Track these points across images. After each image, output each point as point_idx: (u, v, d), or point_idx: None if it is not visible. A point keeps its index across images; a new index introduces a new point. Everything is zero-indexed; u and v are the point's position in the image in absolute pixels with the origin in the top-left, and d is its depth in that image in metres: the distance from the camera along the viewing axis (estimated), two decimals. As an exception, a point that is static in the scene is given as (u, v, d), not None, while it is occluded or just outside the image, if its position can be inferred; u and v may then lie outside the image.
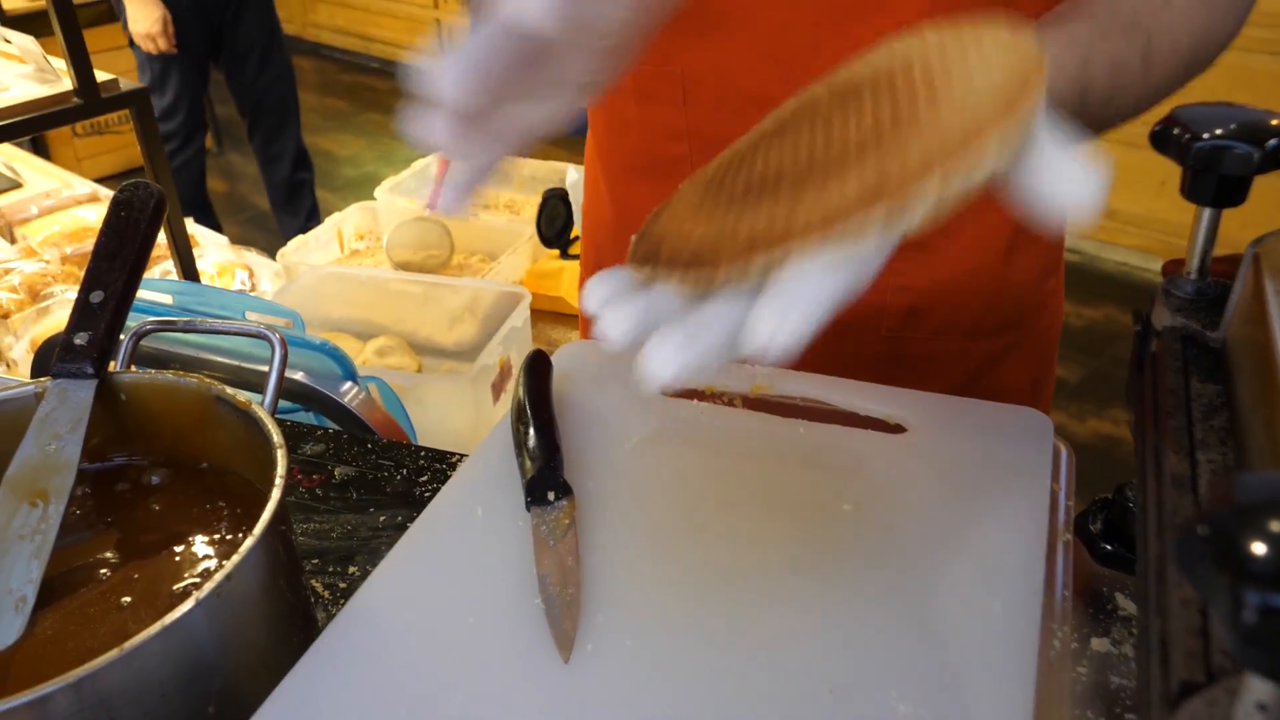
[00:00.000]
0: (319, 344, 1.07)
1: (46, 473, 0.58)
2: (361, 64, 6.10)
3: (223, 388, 0.65)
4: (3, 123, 1.57)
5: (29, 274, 1.93)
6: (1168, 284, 0.55)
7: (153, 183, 0.71)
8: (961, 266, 0.84)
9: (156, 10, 3.02)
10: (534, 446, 0.63)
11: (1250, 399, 0.45)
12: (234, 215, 4.28)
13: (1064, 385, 2.86)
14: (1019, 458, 0.63)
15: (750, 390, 0.72)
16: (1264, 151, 0.48)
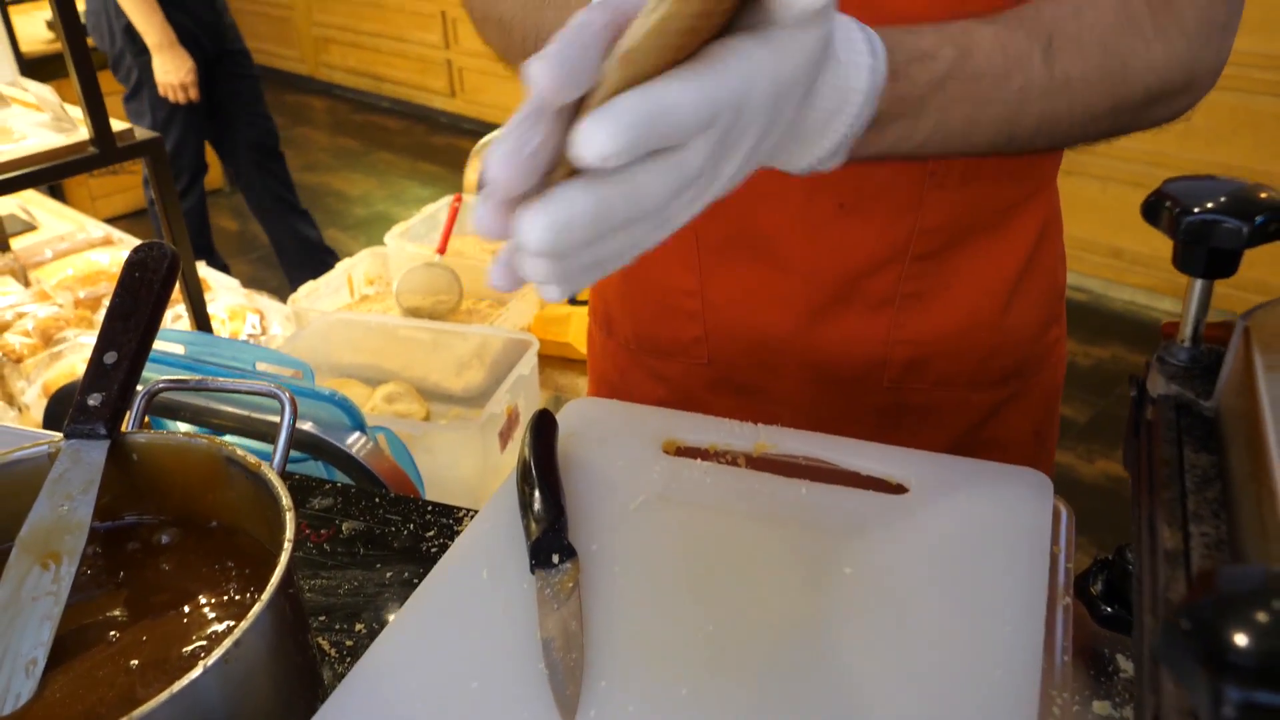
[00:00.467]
0: (328, 395, 1.08)
1: (59, 533, 0.59)
2: (373, 104, 6.16)
3: (233, 448, 0.66)
4: (21, 172, 1.59)
5: (42, 318, 1.95)
6: (1162, 351, 0.56)
7: (167, 242, 0.73)
8: (962, 318, 0.86)
9: (187, 61, 3.08)
10: (538, 509, 0.64)
11: (1242, 472, 0.45)
12: (245, 254, 4.31)
13: (1072, 426, 2.86)
14: (1019, 520, 0.64)
15: (753, 449, 0.73)
16: (1253, 226, 0.49)
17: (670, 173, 0.40)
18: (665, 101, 0.38)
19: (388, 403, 1.52)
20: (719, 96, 0.39)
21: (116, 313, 0.67)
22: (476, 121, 5.56)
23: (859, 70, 0.51)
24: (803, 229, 0.82)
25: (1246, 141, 3.04)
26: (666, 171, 0.40)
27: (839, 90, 0.51)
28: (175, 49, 3.08)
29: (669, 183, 0.40)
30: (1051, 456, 0.99)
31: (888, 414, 0.90)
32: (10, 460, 0.66)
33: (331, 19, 6.14)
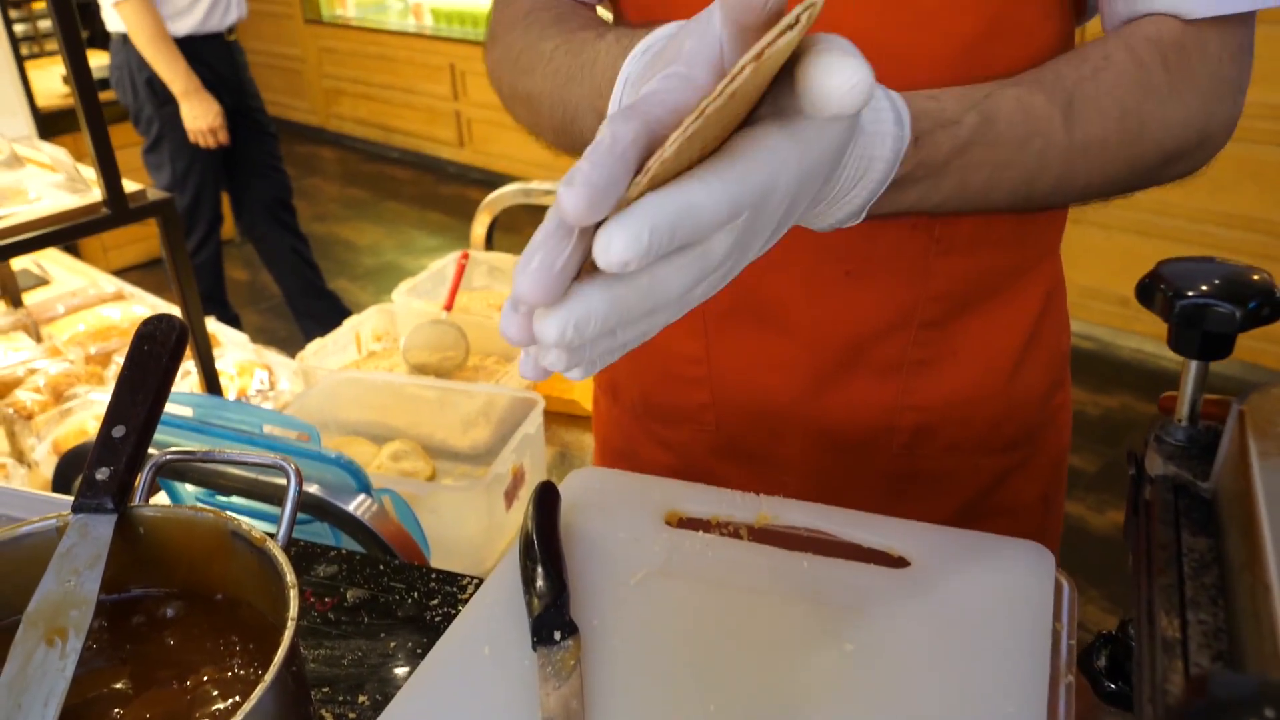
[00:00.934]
0: (333, 458, 1.09)
1: (65, 609, 0.60)
2: (382, 154, 6.23)
3: (238, 522, 0.66)
4: (36, 234, 1.62)
5: (53, 375, 1.97)
6: (1159, 430, 0.56)
7: (177, 301, 0.74)
8: (968, 385, 0.86)
9: (214, 105, 3.14)
10: (540, 585, 0.64)
11: (1238, 558, 0.45)
12: (255, 304, 4.34)
13: (1081, 476, 2.85)
14: (1021, 595, 0.64)
15: (755, 520, 0.73)
16: (1245, 310, 0.50)
17: (691, 267, 0.41)
18: (688, 204, 0.38)
19: (394, 461, 1.53)
20: (743, 194, 0.40)
21: (125, 385, 0.68)
22: (484, 171, 5.62)
23: (884, 139, 0.53)
24: (809, 295, 0.83)
25: (1251, 191, 3.06)
26: (687, 266, 0.41)
27: (863, 159, 0.52)
28: (201, 94, 3.13)
29: (690, 276, 0.41)
30: (1059, 522, 0.99)
31: (896, 480, 0.90)
32: (19, 534, 0.67)
33: (342, 71, 6.22)
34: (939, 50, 0.71)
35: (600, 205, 0.37)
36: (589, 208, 0.36)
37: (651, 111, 0.40)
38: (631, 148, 0.38)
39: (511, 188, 2.22)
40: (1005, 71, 0.73)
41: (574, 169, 0.37)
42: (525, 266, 0.38)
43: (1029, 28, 0.72)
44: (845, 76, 0.39)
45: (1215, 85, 0.67)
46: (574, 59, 0.69)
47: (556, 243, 0.38)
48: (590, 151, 0.38)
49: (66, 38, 1.56)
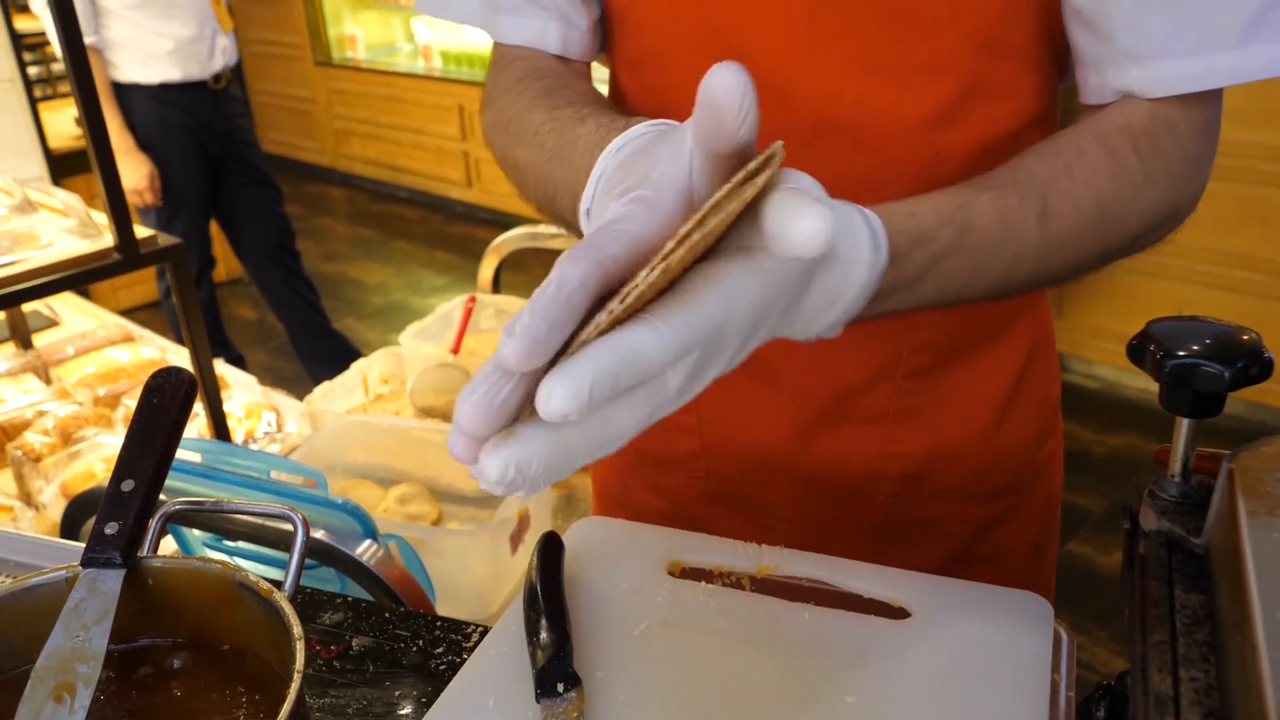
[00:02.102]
0: (340, 504, 1.09)
1: (74, 664, 0.60)
2: (391, 194, 6.27)
3: (245, 574, 0.67)
4: (46, 279, 1.64)
5: (62, 417, 1.98)
6: (1153, 485, 0.57)
7: (186, 369, 0.75)
8: (955, 434, 0.87)
9: (144, 166, 3.14)
10: (544, 637, 0.65)
11: (1229, 616, 0.46)
12: (262, 344, 4.36)
13: (1088, 516, 2.84)
14: (1020, 646, 0.64)
15: (757, 571, 0.74)
16: (1234, 370, 0.51)
17: (642, 404, 0.42)
18: (633, 351, 0.39)
19: (400, 504, 1.54)
20: (693, 336, 0.41)
21: (135, 439, 0.69)
22: (492, 211, 5.66)
23: (860, 265, 0.54)
24: (794, 347, 0.83)
25: (1253, 230, 3.07)
26: (637, 404, 0.42)
27: (838, 285, 0.53)
28: (132, 154, 3.12)
29: (640, 412, 0.42)
30: (1052, 569, 0.99)
31: (885, 528, 0.90)
32: (29, 585, 0.68)
33: (352, 112, 6.29)
34: (919, 109, 0.73)
35: (538, 355, 0.38)
36: (526, 357, 0.38)
37: (606, 248, 0.41)
38: (579, 291, 0.39)
39: (519, 231, 2.24)
40: (984, 131, 0.74)
41: (518, 315, 0.38)
42: (467, 397, 0.40)
43: (1008, 87, 0.74)
44: (808, 223, 0.40)
45: (1185, 165, 0.68)
46: (558, 138, 0.71)
47: (498, 379, 0.40)
48: (536, 297, 0.39)
49: (79, 84, 1.59)
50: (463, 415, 0.40)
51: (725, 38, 0.75)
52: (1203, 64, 0.64)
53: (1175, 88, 0.65)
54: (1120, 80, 0.68)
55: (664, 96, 0.80)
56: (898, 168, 0.75)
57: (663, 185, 0.44)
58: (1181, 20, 0.64)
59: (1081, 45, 0.70)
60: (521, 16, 0.82)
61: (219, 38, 3.24)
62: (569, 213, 0.71)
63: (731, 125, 0.41)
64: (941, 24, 0.71)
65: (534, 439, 0.40)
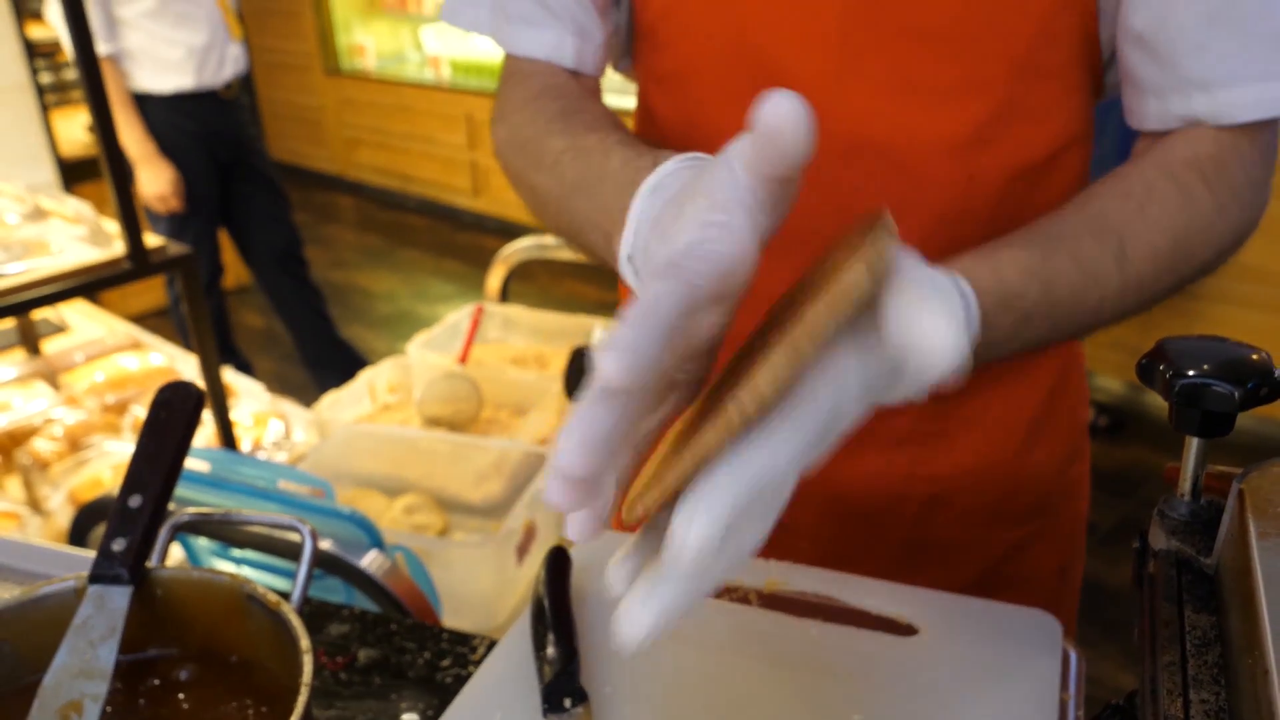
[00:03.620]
0: (347, 514, 1.10)
1: (81, 682, 0.60)
2: (399, 202, 6.29)
3: (254, 586, 0.67)
4: (57, 288, 1.64)
5: (70, 424, 1.99)
6: (1163, 505, 0.57)
7: (194, 383, 0.75)
8: (981, 455, 0.86)
9: (167, 173, 3.15)
10: (551, 651, 0.65)
11: (1239, 638, 0.46)
12: (270, 351, 4.37)
13: (1096, 529, 2.83)
14: (1028, 664, 0.64)
15: (764, 585, 0.74)
16: (1244, 390, 0.51)
17: (766, 516, 0.41)
18: (760, 476, 0.38)
19: (407, 514, 1.54)
20: (812, 439, 0.41)
21: (143, 454, 0.69)
22: (499, 220, 5.67)
23: None
24: None
25: (1263, 244, 3.06)
26: (762, 518, 0.41)
27: None
28: (155, 160, 3.14)
29: (765, 523, 0.42)
30: (1076, 592, 0.98)
31: (911, 550, 0.90)
32: (37, 596, 0.68)
33: (361, 120, 6.31)
34: (952, 130, 0.72)
35: (640, 370, 0.36)
36: (629, 374, 0.36)
37: (694, 267, 0.40)
38: (674, 310, 0.38)
39: (526, 242, 2.25)
40: (1019, 153, 0.73)
41: (613, 334, 0.37)
42: (568, 434, 0.38)
43: (1044, 109, 0.73)
44: (942, 342, 0.40)
45: (1252, 191, 0.68)
46: (581, 168, 0.69)
47: (600, 410, 0.38)
48: (628, 315, 0.37)
49: (92, 93, 1.59)
50: (563, 454, 0.37)
51: (756, 56, 0.75)
52: (1270, 91, 0.64)
53: (1243, 115, 0.65)
54: (1185, 108, 0.67)
55: (694, 113, 0.80)
56: (931, 189, 0.74)
57: (731, 207, 0.44)
58: (1249, 46, 0.63)
59: (1141, 71, 0.69)
60: (537, 28, 0.80)
61: (230, 46, 3.26)
62: (598, 247, 0.69)
63: (792, 151, 0.40)
64: (976, 45, 0.70)
65: (669, 588, 0.39)
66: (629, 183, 0.59)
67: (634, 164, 0.63)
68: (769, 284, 0.80)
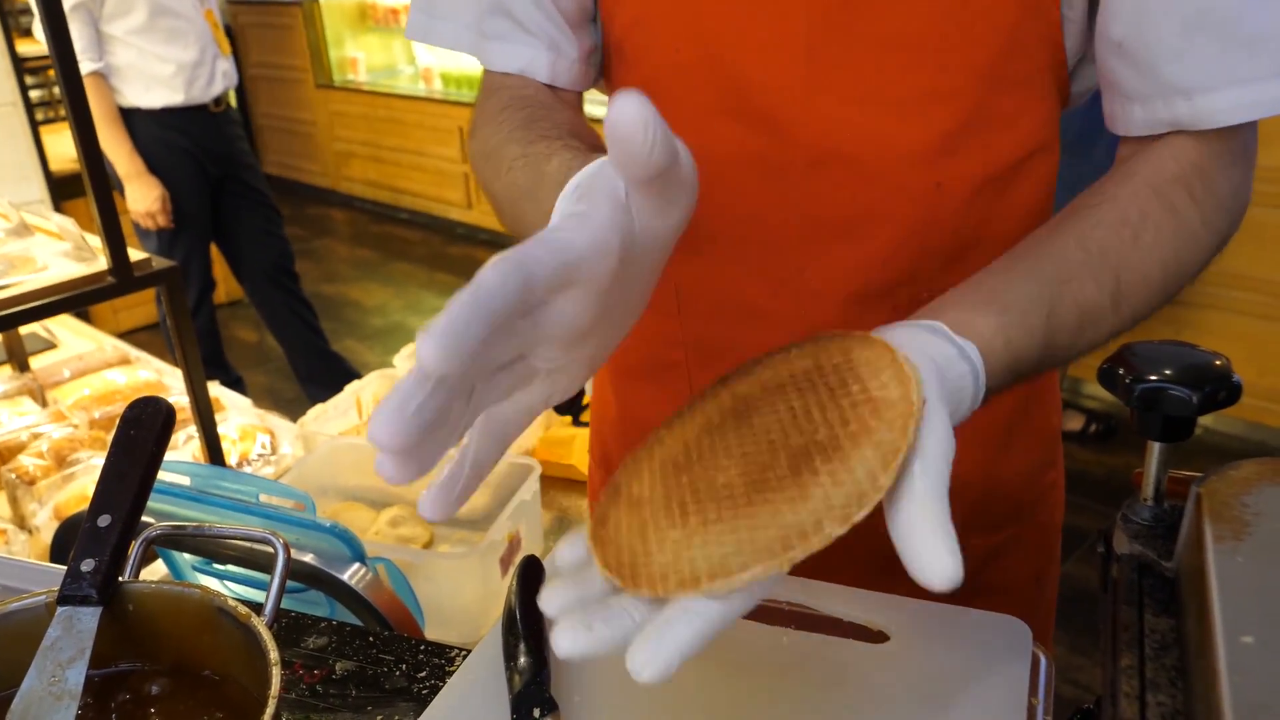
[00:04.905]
0: (328, 527, 1.09)
1: (49, 707, 0.60)
2: (391, 215, 6.29)
3: (224, 598, 0.67)
4: (41, 302, 1.64)
5: (56, 439, 1.99)
6: (1126, 509, 0.57)
7: (163, 398, 0.74)
8: (956, 463, 0.86)
9: (155, 189, 3.16)
10: (522, 661, 0.65)
11: (1194, 640, 0.46)
12: (261, 365, 4.37)
13: (1085, 536, 2.83)
14: (998, 669, 0.64)
15: (737, 594, 0.73)
16: (1203, 394, 0.51)
17: None
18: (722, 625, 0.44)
19: (392, 526, 1.54)
20: None
21: (112, 473, 0.69)
22: (492, 232, 5.67)
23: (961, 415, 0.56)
24: None
25: (1250, 252, 3.07)
26: None
27: None
28: (144, 178, 3.15)
29: None
30: (1053, 599, 0.98)
31: (887, 559, 0.89)
32: (6, 612, 0.68)
33: (353, 134, 6.32)
34: (920, 140, 0.73)
35: (452, 356, 0.38)
36: (442, 357, 0.38)
37: (531, 252, 0.42)
38: (497, 292, 0.40)
39: (513, 252, 2.24)
40: (986, 162, 0.74)
41: (433, 320, 0.39)
42: (379, 410, 0.40)
43: (1011, 118, 0.73)
44: (941, 570, 0.46)
45: (1233, 196, 0.69)
46: (530, 174, 0.71)
47: (411, 388, 0.40)
48: (452, 301, 0.39)
49: (75, 111, 1.60)
50: (374, 429, 0.40)
51: (724, 68, 0.75)
52: (1250, 94, 0.64)
53: (1224, 119, 0.65)
54: (1169, 113, 0.67)
55: None
56: (899, 198, 0.75)
57: (596, 198, 0.45)
58: (1226, 51, 0.64)
59: (1122, 79, 0.69)
60: (510, 44, 0.82)
61: (219, 61, 3.27)
62: None
63: (642, 154, 0.41)
64: (943, 54, 0.70)
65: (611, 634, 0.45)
66: (560, 183, 0.60)
67: (569, 165, 0.64)
68: (738, 292, 0.81)
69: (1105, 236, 0.66)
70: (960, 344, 0.55)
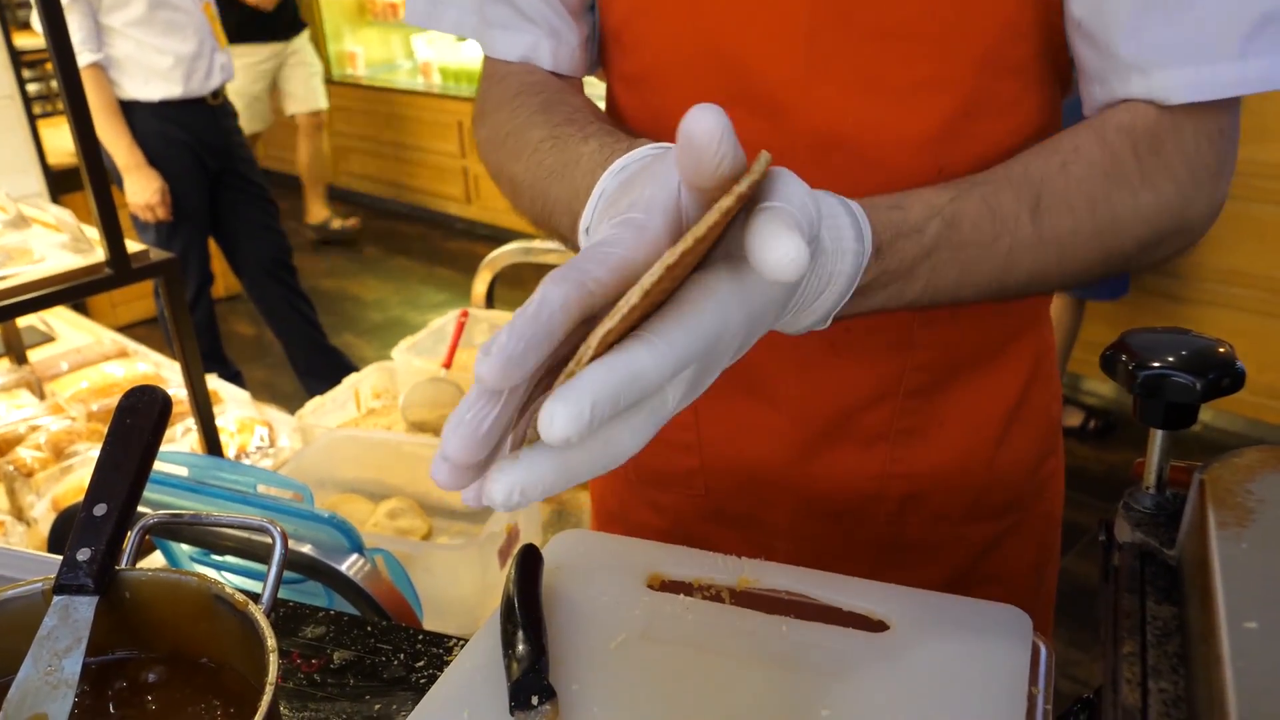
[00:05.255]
0: (326, 517, 1.09)
1: (45, 697, 0.59)
2: (391, 209, 6.29)
3: (222, 586, 0.67)
4: (38, 294, 1.64)
5: (54, 432, 1.98)
6: (1128, 497, 0.57)
7: (159, 387, 0.74)
8: (956, 452, 0.86)
9: (155, 181, 3.15)
10: (520, 649, 0.64)
11: (1197, 626, 0.46)
12: (260, 360, 4.36)
13: (1085, 531, 2.83)
14: (997, 658, 0.64)
15: (737, 584, 0.73)
16: (1206, 381, 0.51)
17: (642, 421, 0.42)
18: (631, 371, 0.39)
19: (390, 518, 1.54)
20: (690, 350, 0.41)
21: (107, 462, 0.68)
22: (491, 227, 5.67)
23: (845, 255, 0.54)
24: (794, 367, 0.84)
25: (1251, 248, 3.08)
26: (637, 422, 0.42)
27: (824, 275, 0.53)
28: (143, 169, 3.14)
29: (643, 430, 0.42)
30: (1053, 589, 0.98)
31: (885, 547, 0.90)
32: (3, 599, 0.67)
33: (352, 129, 6.31)
34: (921, 127, 0.73)
35: (513, 373, 0.38)
36: (502, 375, 0.38)
37: (590, 270, 0.41)
38: (560, 312, 0.39)
39: (512, 246, 2.24)
40: (986, 148, 0.74)
41: (494, 336, 0.39)
42: (454, 427, 0.40)
43: (1008, 104, 0.73)
44: (781, 251, 0.40)
45: (1192, 172, 0.67)
46: (557, 155, 0.70)
47: (483, 405, 0.40)
48: (515, 318, 0.39)
49: (72, 104, 1.59)
50: (448, 444, 0.40)
51: (724, 57, 0.75)
52: (1203, 74, 0.64)
53: (1178, 96, 0.65)
54: (1125, 91, 0.68)
55: (661, 113, 0.80)
56: (900, 185, 0.74)
57: (652, 208, 0.45)
58: (1182, 30, 0.64)
59: (1083, 58, 0.70)
60: (513, 32, 0.82)
61: (217, 55, 3.26)
62: (567, 230, 0.70)
63: (709, 165, 0.41)
64: (943, 42, 0.71)
65: (538, 462, 0.40)
66: (602, 163, 0.59)
67: (609, 147, 0.64)
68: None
69: (1030, 159, 0.67)
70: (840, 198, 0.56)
